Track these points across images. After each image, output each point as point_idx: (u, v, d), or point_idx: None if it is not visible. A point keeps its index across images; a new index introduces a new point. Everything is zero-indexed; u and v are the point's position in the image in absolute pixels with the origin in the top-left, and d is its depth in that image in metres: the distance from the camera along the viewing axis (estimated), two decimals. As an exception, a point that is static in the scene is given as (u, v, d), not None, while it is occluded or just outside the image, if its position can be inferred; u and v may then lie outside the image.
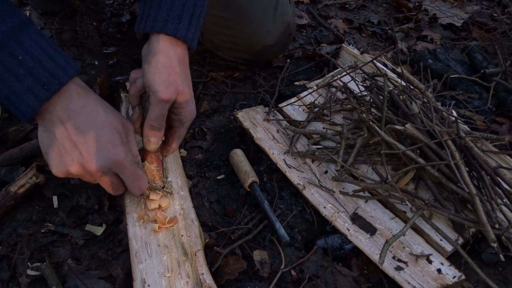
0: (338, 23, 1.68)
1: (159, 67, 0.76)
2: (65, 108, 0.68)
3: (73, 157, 0.69)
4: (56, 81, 0.66)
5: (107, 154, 0.70)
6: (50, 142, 0.70)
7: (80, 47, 1.17)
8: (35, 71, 0.65)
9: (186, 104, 0.80)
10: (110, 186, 0.75)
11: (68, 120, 0.68)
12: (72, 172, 0.70)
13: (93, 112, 0.71)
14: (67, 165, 0.70)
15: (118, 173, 0.74)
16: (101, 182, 0.74)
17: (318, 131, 1.07)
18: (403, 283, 0.79)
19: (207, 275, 0.74)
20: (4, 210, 0.89)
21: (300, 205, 0.97)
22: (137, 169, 0.75)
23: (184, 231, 0.80)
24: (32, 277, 0.80)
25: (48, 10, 1.15)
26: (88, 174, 0.72)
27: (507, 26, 1.55)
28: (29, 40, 0.65)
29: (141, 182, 0.76)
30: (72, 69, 0.68)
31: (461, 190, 0.87)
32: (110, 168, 0.71)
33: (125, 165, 0.72)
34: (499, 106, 1.30)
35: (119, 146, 0.71)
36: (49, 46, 0.67)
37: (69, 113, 0.68)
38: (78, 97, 0.70)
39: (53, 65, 0.66)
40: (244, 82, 1.34)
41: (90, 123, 0.70)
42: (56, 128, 0.68)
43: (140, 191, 0.77)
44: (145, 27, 0.79)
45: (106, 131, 0.71)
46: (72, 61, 0.69)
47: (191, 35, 0.81)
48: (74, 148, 0.69)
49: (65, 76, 0.67)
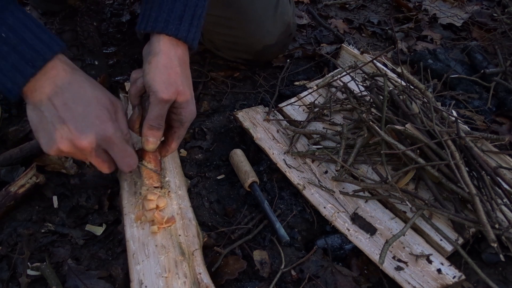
0: (338, 23, 1.68)
1: (159, 68, 0.76)
2: (52, 85, 0.68)
3: (62, 134, 0.68)
4: (41, 57, 0.66)
5: (96, 130, 0.69)
6: (39, 120, 0.70)
7: (80, 47, 1.17)
8: (19, 48, 0.65)
9: (186, 104, 0.80)
10: (100, 163, 0.75)
11: (55, 96, 0.68)
12: (62, 149, 0.70)
13: (80, 89, 0.70)
14: (57, 142, 0.69)
15: (107, 149, 0.73)
16: (91, 159, 0.74)
17: (318, 131, 1.07)
18: (403, 283, 0.79)
19: (204, 275, 0.74)
20: (4, 210, 0.89)
21: (300, 205, 0.97)
22: (127, 146, 0.74)
23: (181, 231, 0.80)
24: (32, 277, 0.80)
25: (49, 10, 1.15)
26: (78, 151, 0.71)
27: (507, 26, 1.55)
28: (12, 18, 0.65)
29: (131, 159, 0.76)
30: (57, 46, 0.68)
31: (461, 190, 0.87)
32: (99, 144, 0.71)
33: (114, 140, 0.72)
34: (499, 106, 1.30)
35: (107, 122, 0.71)
36: (33, 23, 0.67)
37: (56, 90, 0.68)
38: (65, 74, 0.69)
39: (37, 41, 0.66)
40: (244, 82, 1.34)
41: (77, 99, 0.69)
42: (44, 105, 0.68)
43: (129, 168, 0.76)
44: (146, 27, 0.79)
45: (93, 107, 0.70)
46: (57, 38, 0.69)
47: (192, 36, 0.81)
48: (63, 125, 0.68)
49: (50, 52, 0.67)
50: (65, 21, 1.16)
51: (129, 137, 0.77)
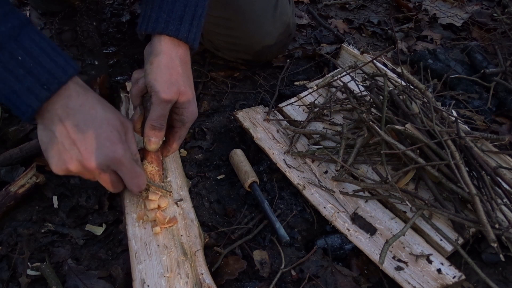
0: (338, 23, 1.68)
1: (161, 68, 0.77)
2: (64, 106, 0.69)
3: (72, 155, 0.69)
4: (56, 81, 0.67)
5: (106, 152, 0.70)
6: (50, 140, 0.70)
7: (80, 47, 1.16)
8: (35, 71, 0.65)
9: (188, 104, 0.80)
10: (109, 184, 0.75)
11: (67, 118, 0.69)
12: (71, 170, 0.71)
13: (92, 110, 0.71)
14: (66, 162, 0.70)
15: (117, 170, 0.74)
16: (100, 179, 0.74)
17: (318, 131, 1.07)
18: (403, 283, 0.79)
19: (206, 275, 0.74)
20: (4, 210, 0.89)
21: (300, 205, 0.97)
22: (136, 166, 0.75)
23: (183, 231, 0.80)
24: (32, 277, 0.80)
25: (48, 10, 1.15)
26: (87, 172, 0.72)
27: (507, 26, 1.55)
28: (28, 41, 0.65)
29: (140, 180, 0.77)
30: (72, 69, 0.68)
31: (461, 190, 0.87)
32: (108, 165, 0.72)
33: (124, 162, 0.73)
34: (499, 106, 1.30)
35: (118, 144, 0.72)
36: (49, 46, 0.67)
37: (68, 112, 0.69)
38: (77, 95, 0.70)
39: (53, 65, 0.66)
40: (244, 82, 1.34)
41: (88, 121, 0.70)
42: (55, 126, 0.69)
43: (139, 188, 0.77)
44: (147, 28, 0.79)
45: (104, 129, 0.71)
46: (72, 61, 0.69)
47: (192, 36, 0.81)
48: (73, 146, 0.69)
49: (65, 75, 0.67)
50: (64, 21, 1.15)
51: (138, 158, 0.78)
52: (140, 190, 0.79)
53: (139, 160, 0.78)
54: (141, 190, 0.79)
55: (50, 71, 0.66)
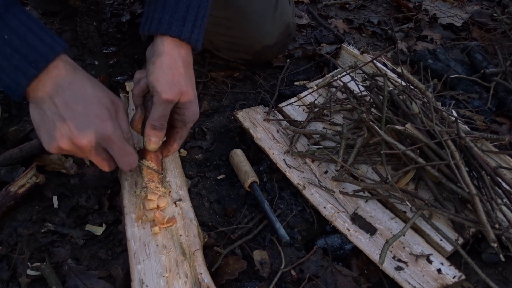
0: (338, 23, 1.68)
1: (163, 68, 0.77)
2: (54, 84, 0.69)
3: (63, 132, 0.69)
4: (43, 59, 0.67)
5: (95, 129, 0.70)
6: (41, 118, 0.71)
7: (80, 47, 1.17)
8: (22, 50, 0.65)
9: (189, 104, 0.80)
10: (101, 162, 0.75)
11: (56, 95, 0.69)
12: (62, 147, 0.71)
13: (81, 88, 0.71)
14: (58, 140, 0.70)
15: (107, 148, 0.74)
16: (91, 158, 0.74)
17: (318, 131, 1.07)
18: (403, 283, 0.79)
19: (205, 275, 0.74)
20: (4, 210, 0.89)
21: (300, 205, 0.97)
22: (126, 144, 0.75)
23: (182, 231, 0.80)
24: (32, 277, 0.80)
25: (48, 10, 1.15)
26: (79, 149, 0.72)
27: (507, 26, 1.55)
28: (14, 20, 0.66)
29: (130, 158, 0.76)
30: (59, 47, 0.69)
31: (461, 190, 0.87)
32: (98, 142, 0.72)
33: (113, 139, 0.72)
34: (499, 106, 1.30)
35: (107, 121, 0.72)
36: (36, 24, 0.68)
37: (57, 89, 0.69)
38: (66, 73, 0.70)
39: (40, 43, 0.67)
40: (244, 82, 1.34)
41: (78, 98, 0.70)
42: (46, 104, 0.69)
43: (129, 166, 0.77)
44: (150, 29, 0.79)
45: (94, 106, 0.71)
46: (59, 39, 0.69)
47: (195, 37, 0.81)
48: (63, 123, 0.69)
49: (52, 53, 0.68)
50: (65, 21, 1.16)
51: (130, 136, 0.78)
52: (130, 169, 0.77)
53: (130, 139, 0.78)
54: (132, 168, 0.78)
55: (37, 49, 0.66)
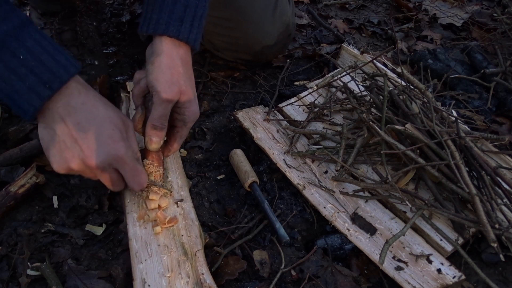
0: (338, 23, 1.68)
1: (162, 68, 0.77)
2: (66, 105, 0.69)
3: (74, 152, 0.69)
4: (58, 80, 0.67)
5: (108, 150, 0.70)
6: (51, 138, 0.70)
7: (80, 47, 1.16)
8: (36, 70, 0.65)
9: (189, 104, 0.81)
10: (110, 182, 0.75)
11: (68, 116, 0.69)
12: (73, 168, 0.71)
13: (93, 109, 0.71)
14: (68, 161, 0.70)
15: (118, 168, 0.74)
16: (101, 178, 0.75)
17: (318, 131, 1.07)
18: (403, 283, 0.79)
19: (207, 275, 0.74)
20: (4, 210, 0.89)
21: (300, 205, 0.97)
22: (137, 164, 0.76)
23: (184, 231, 0.80)
24: (32, 277, 0.80)
25: (48, 10, 1.15)
26: (89, 170, 0.72)
27: (507, 26, 1.55)
28: (30, 39, 0.65)
29: (141, 178, 0.77)
30: (73, 67, 0.69)
31: (461, 190, 0.87)
32: (110, 163, 0.72)
33: (125, 160, 0.73)
34: (499, 106, 1.30)
35: (120, 142, 0.72)
36: (50, 44, 0.68)
37: (69, 110, 0.69)
38: (78, 94, 0.70)
39: (54, 63, 0.67)
40: (244, 82, 1.34)
41: (90, 119, 0.70)
42: (57, 124, 0.69)
43: (140, 186, 0.78)
44: (148, 29, 0.79)
45: (106, 127, 0.71)
46: (73, 59, 0.70)
47: (193, 36, 0.81)
48: (75, 144, 0.69)
49: (66, 74, 0.68)
50: (64, 21, 1.15)
51: (139, 156, 0.78)
52: (141, 188, 0.79)
53: (140, 159, 0.78)
54: (143, 188, 0.79)
55: (51, 69, 0.66)
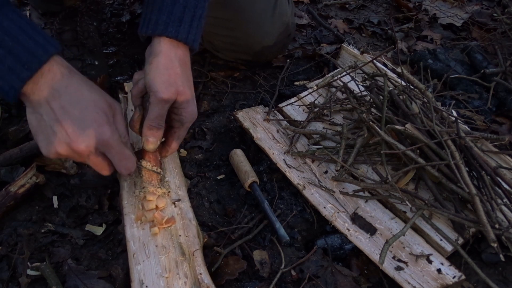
0: (338, 23, 1.68)
1: (159, 68, 0.77)
2: (50, 88, 0.68)
3: (60, 137, 0.69)
4: (36, 60, 0.66)
5: (93, 133, 0.69)
6: (38, 123, 0.70)
7: (81, 47, 1.17)
8: (14, 51, 0.65)
9: (186, 104, 0.80)
10: (98, 166, 0.75)
11: (53, 100, 0.68)
12: (60, 153, 0.70)
13: (78, 92, 0.70)
14: (55, 145, 0.69)
15: (105, 152, 0.73)
16: (89, 162, 0.74)
17: (318, 131, 1.07)
18: (403, 283, 0.79)
19: (205, 275, 0.74)
20: (4, 210, 0.89)
21: (300, 205, 0.97)
22: (124, 148, 0.75)
23: (182, 231, 0.80)
24: (32, 277, 0.80)
25: (49, 10, 1.15)
26: (76, 154, 0.71)
27: (507, 26, 1.55)
28: (6, 20, 0.65)
29: (128, 162, 0.76)
30: (52, 47, 0.68)
31: (461, 190, 0.87)
32: (96, 147, 0.71)
33: (111, 144, 0.72)
34: (499, 106, 1.30)
35: (105, 125, 0.71)
36: (28, 25, 0.67)
37: (54, 94, 0.68)
38: (62, 76, 0.69)
39: (32, 44, 0.66)
40: (244, 82, 1.34)
41: (74, 102, 0.69)
42: (42, 108, 0.68)
43: (128, 170, 0.77)
44: (147, 30, 0.79)
45: (91, 110, 0.70)
46: (53, 40, 0.69)
47: (192, 37, 0.81)
48: (61, 128, 0.68)
49: (45, 54, 0.67)
50: (65, 21, 1.16)
51: (128, 140, 0.77)
52: (129, 173, 0.78)
53: (128, 143, 0.77)
54: (131, 172, 0.78)
55: (30, 50, 0.65)
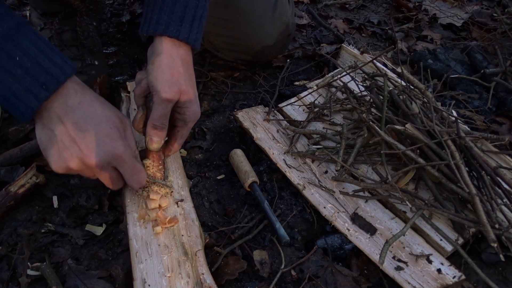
0: (338, 23, 1.68)
1: (162, 67, 0.77)
2: (63, 105, 0.69)
3: (72, 152, 0.70)
4: (55, 80, 0.67)
5: (106, 148, 0.70)
6: (49, 139, 0.70)
7: (80, 47, 1.17)
8: (33, 72, 0.65)
9: (189, 103, 0.81)
10: (109, 180, 0.76)
11: (66, 116, 0.69)
12: (72, 168, 0.71)
13: (91, 108, 0.71)
14: (67, 160, 0.70)
15: (117, 166, 0.74)
16: (100, 176, 0.75)
17: (318, 131, 1.07)
18: (403, 283, 0.79)
19: (207, 275, 0.74)
20: (4, 210, 0.89)
21: (300, 205, 0.97)
22: (136, 163, 0.76)
23: (184, 231, 0.80)
24: (32, 277, 0.80)
25: (48, 10, 1.15)
26: (88, 169, 0.72)
27: (507, 26, 1.55)
28: (25, 41, 0.66)
29: (140, 176, 0.77)
30: (69, 68, 0.69)
31: (461, 190, 0.87)
32: (109, 162, 0.72)
33: (124, 158, 0.73)
34: (499, 106, 1.30)
35: (118, 140, 0.72)
36: (46, 45, 0.68)
37: (66, 110, 0.69)
38: (75, 93, 0.70)
39: (51, 64, 0.67)
40: (244, 82, 1.34)
41: (88, 118, 0.70)
42: (55, 125, 0.69)
43: (139, 184, 0.78)
44: (148, 30, 0.80)
45: (104, 125, 0.71)
46: (69, 60, 0.70)
47: (193, 36, 0.81)
48: (73, 143, 0.69)
49: (63, 75, 0.68)
50: (64, 21, 1.16)
51: (137, 154, 0.78)
52: (140, 186, 0.79)
53: (138, 157, 0.78)
54: (142, 186, 0.79)
55: (48, 70, 0.66)
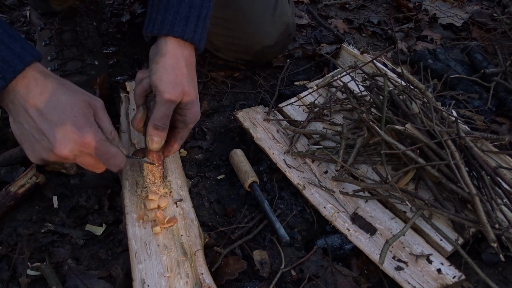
0: (338, 23, 1.68)
1: (166, 68, 0.77)
2: (25, 96, 0.67)
3: (44, 145, 0.68)
4: (11, 69, 0.65)
5: (74, 137, 0.68)
6: (21, 132, 0.70)
7: (80, 47, 1.16)
8: None
9: (191, 105, 0.80)
10: (88, 166, 0.74)
11: (30, 108, 0.67)
12: (47, 159, 0.70)
13: (53, 97, 0.69)
14: (41, 153, 0.69)
15: (90, 153, 0.72)
16: (79, 163, 0.73)
17: (318, 131, 1.07)
18: (403, 283, 0.79)
19: (206, 275, 0.74)
20: (4, 210, 0.89)
21: (300, 205, 0.97)
22: (109, 146, 0.72)
23: (183, 231, 0.80)
24: (32, 277, 0.80)
25: (48, 10, 1.15)
26: (63, 159, 0.70)
27: (507, 26, 1.55)
28: None
29: (116, 159, 0.73)
30: (29, 56, 0.67)
31: (461, 190, 0.87)
32: (80, 150, 0.70)
33: (94, 145, 0.70)
34: (499, 106, 1.30)
35: (85, 128, 0.69)
36: (5, 33, 0.66)
37: (29, 101, 0.67)
38: (36, 83, 0.68)
39: (8, 53, 0.65)
40: (244, 82, 1.34)
41: (51, 109, 0.68)
42: (21, 117, 0.68)
43: (117, 167, 0.74)
44: (153, 30, 0.79)
45: (68, 114, 0.69)
46: (30, 48, 0.67)
47: (198, 37, 0.81)
48: (42, 136, 0.68)
49: (21, 63, 0.66)
50: (64, 21, 1.15)
51: (115, 135, 0.75)
52: (119, 169, 0.76)
53: (115, 138, 0.75)
54: (121, 168, 0.76)
55: (5, 59, 0.64)
